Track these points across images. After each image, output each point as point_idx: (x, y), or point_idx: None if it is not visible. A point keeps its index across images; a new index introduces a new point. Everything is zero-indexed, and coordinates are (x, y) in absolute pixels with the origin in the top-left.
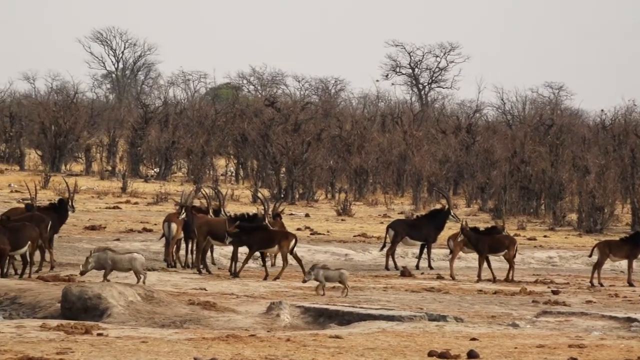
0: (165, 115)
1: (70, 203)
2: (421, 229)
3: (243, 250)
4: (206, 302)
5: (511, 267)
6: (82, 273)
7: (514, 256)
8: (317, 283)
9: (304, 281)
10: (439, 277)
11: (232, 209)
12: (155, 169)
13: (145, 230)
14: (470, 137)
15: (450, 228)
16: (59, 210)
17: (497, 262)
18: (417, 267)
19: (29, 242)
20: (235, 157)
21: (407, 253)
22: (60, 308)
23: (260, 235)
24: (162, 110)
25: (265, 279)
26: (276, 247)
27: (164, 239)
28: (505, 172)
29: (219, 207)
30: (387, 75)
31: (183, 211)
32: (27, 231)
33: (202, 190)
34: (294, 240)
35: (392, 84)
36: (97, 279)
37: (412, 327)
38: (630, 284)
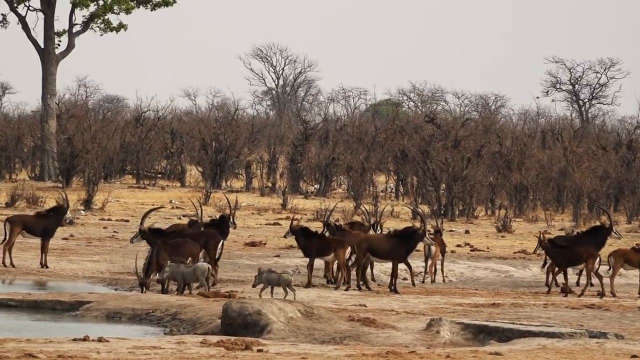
0: (326, 132)
1: (231, 219)
2: (582, 246)
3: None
4: (366, 318)
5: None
6: (159, 281)
7: (596, 270)
8: (267, 288)
9: (254, 285)
10: (599, 294)
11: (391, 224)
12: (315, 186)
13: None
14: (631, 154)
15: (611, 245)
16: (221, 226)
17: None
18: (578, 283)
19: (189, 259)
20: (395, 174)
21: (568, 270)
22: (221, 324)
23: (316, 242)
24: (322, 127)
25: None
26: (332, 255)
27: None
28: None
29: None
30: (547, 92)
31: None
32: (187, 247)
33: (362, 206)
34: (349, 248)
35: (553, 100)
36: (256, 294)
37: (572, 344)
38: None
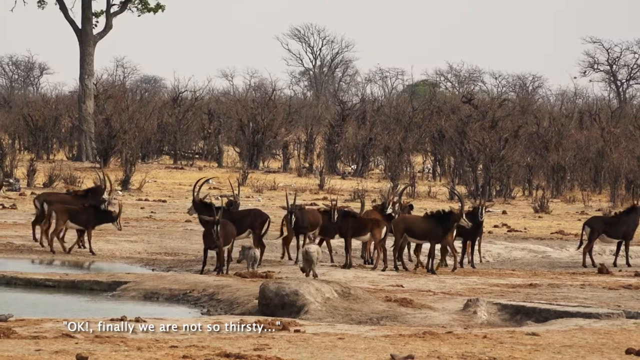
0: (363, 112)
1: (291, 219)
2: (619, 226)
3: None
4: (403, 298)
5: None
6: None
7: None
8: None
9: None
10: (637, 275)
11: (429, 205)
12: (352, 166)
13: None
14: None
15: None
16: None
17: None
18: (615, 264)
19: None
20: (432, 154)
21: (605, 250)
22: (258, 304)
23: (352, 222)
24: (360, 107)
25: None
26: (368, 234)
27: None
28: None
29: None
30: (584, 72)
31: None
32: (226, 228)
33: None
34: (385, 228)
35: (590, 80)
36: (295, 274)
37: (609, 324)
38: None
